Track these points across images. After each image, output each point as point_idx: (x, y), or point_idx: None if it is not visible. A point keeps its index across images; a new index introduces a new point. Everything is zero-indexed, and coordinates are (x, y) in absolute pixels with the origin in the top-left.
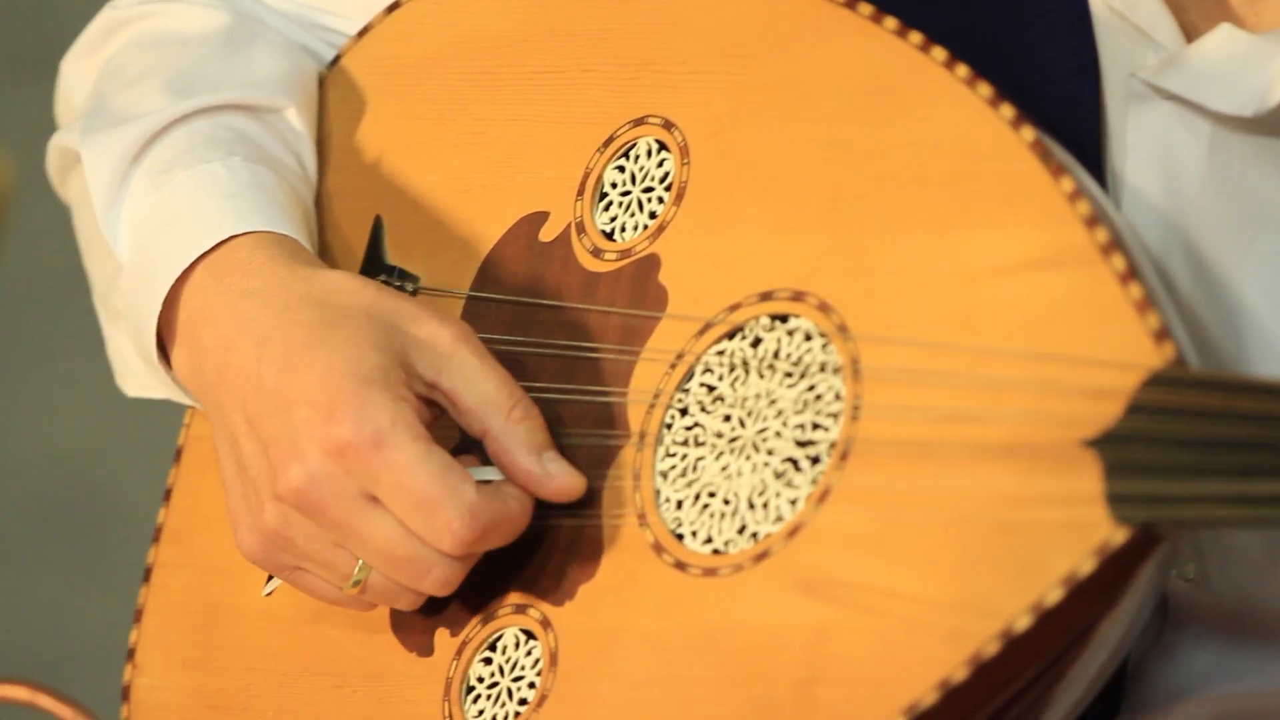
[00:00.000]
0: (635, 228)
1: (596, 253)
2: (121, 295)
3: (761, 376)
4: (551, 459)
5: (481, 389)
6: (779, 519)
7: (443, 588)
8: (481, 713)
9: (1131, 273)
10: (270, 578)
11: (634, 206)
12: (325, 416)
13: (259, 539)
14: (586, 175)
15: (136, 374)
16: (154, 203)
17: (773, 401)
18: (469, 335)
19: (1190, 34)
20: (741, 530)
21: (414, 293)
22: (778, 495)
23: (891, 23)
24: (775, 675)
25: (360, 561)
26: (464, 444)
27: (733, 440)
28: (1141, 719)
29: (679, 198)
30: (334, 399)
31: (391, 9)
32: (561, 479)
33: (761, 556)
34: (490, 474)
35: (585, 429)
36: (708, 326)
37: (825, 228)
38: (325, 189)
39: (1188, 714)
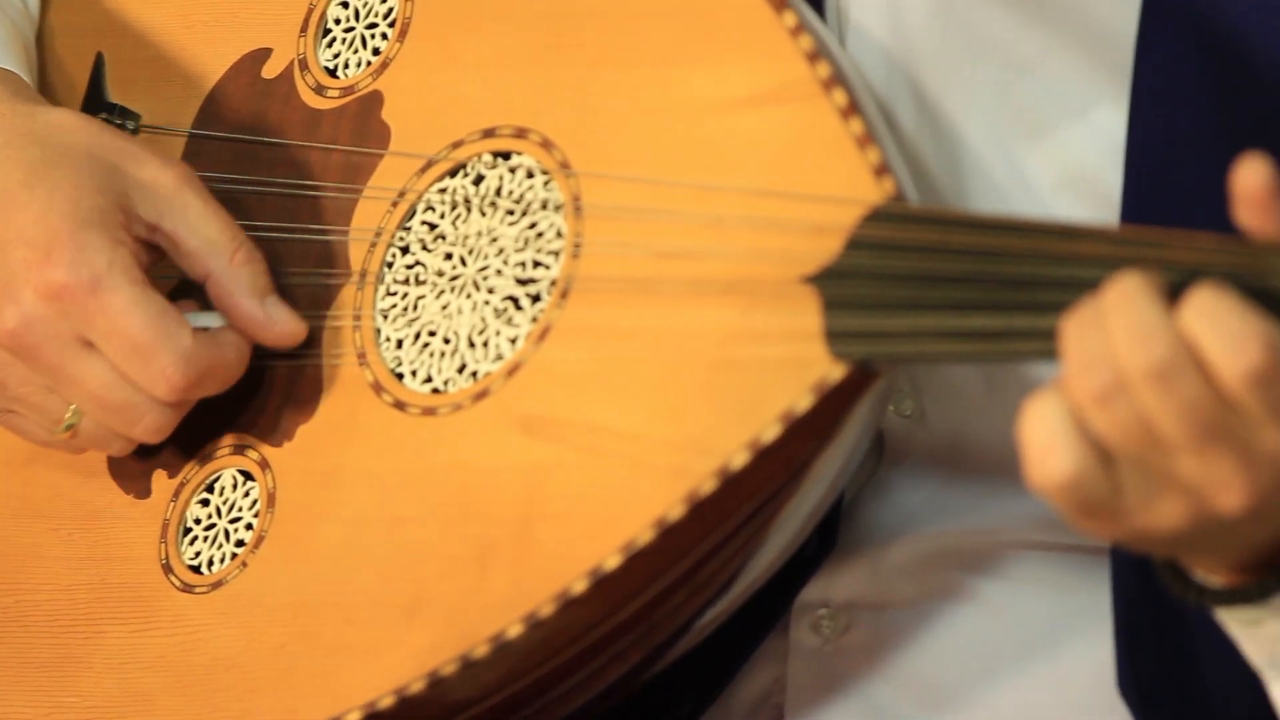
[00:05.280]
0: (359, 64)
1: (319, 90)
2: None
3: (483, 214)
4: (274, 304)
5: (204, 232)
6: (499, 357)
7: (154, 435)
8: (199, 554)
9: (852, 108)
10: None
11: (357, 43)
12: (42, 258)
13: None
14: (310, 11)
15: None
16: None
17: (494, 239)
18: (192, 178)
19: None
20: (461, 369)
21: (135, 130)
22: (498, 334)
23: None
24: (493, 514)
25: (72, 406)
26: (183, 288)
27: (454, 279)
28: (856, 556)
29: (403, 34)
30: (51, 240)
31: None
32: (283, 324)
33: (481, 395)
34: (209, 320)
35: (306, 268)
36: (430, 164)
37: (549, 64)
38: (47, 26)
39: (902, 551)
